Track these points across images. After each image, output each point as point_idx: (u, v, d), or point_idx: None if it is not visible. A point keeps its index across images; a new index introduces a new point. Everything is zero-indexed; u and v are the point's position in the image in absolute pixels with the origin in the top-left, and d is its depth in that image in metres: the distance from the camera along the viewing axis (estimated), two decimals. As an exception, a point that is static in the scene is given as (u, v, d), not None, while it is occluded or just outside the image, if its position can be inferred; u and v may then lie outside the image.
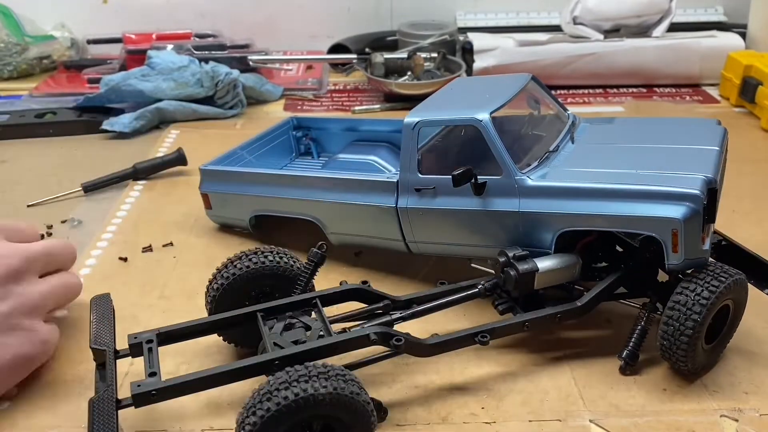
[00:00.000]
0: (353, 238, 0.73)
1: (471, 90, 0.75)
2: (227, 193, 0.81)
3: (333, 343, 0.53)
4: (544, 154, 0.64)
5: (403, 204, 0.67)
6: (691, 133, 0.67)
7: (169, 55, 1.20)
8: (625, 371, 0.59)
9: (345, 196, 0.71)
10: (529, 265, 0.59)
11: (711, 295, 0.55)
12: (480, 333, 0.56)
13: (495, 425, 0.55)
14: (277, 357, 0.51)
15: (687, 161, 0.60)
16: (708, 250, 0.58)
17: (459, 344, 0.57)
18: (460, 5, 1.50)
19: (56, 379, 0.60)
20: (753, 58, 1.19)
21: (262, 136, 0.91)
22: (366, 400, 0.49)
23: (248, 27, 1.46)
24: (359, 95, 1.31)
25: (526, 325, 0.58)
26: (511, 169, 0.61)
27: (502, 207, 0.62)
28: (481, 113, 0.63)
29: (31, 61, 1.38)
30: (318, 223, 0.74)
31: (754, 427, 0.54)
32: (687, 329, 0.55)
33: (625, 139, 0.69)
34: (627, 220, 0.57)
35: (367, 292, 0.61)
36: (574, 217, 0.59)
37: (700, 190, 0.56)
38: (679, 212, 0.55)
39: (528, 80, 0.71)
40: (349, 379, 0.48)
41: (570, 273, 0.61)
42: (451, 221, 0.65)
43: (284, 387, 0.46)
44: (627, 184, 0.58)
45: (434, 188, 0.65)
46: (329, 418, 0.48)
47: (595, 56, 1.27)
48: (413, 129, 0.66)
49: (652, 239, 0.58)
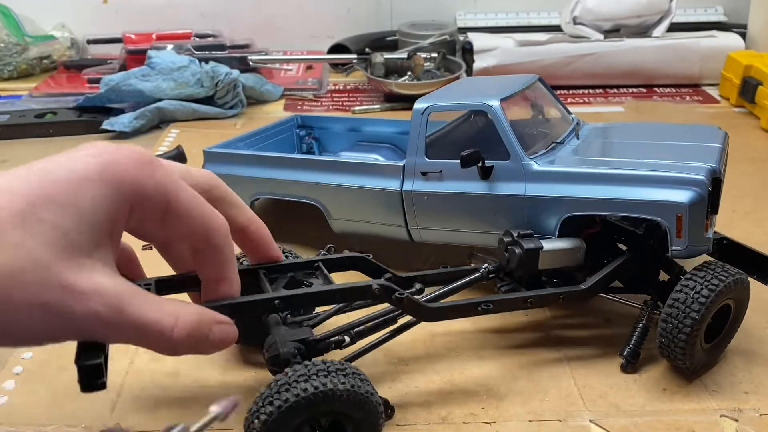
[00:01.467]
0: (356, 225, 0.73)
1: (480, 84, 0.77)
2: (230, 175, 0.79)
3: (335, 289, 0.53)
4: (551, 144, 0.66)
5: (408, 187, 0.67)
6: (694, 134, 0.68)
7: (169, 55, 1.20)
8: (626, 369, 0.59)
9: (350, 179, 0.71)
10: (533, 243, 0.59)
11: (710, 293, 0.55)
12: (483, 302, 0.56)
13: (495, 425, 0.55)
14: (278, 296, 0.51)
15: (691, 154, 0.61)
16: (710, 239, 0.58)
17: (461, 312, 0.57)
18: (460, 5, 1.50)
19: (56, 379, 0.60)
20: (753, 58, 1.19)
21: (263, 130, 0.91)
22: (378, 401, 0.49)
23: (248, 27, 1.46)
24: (359, 95, 1.31)
25: (530, 301, 0.58)
26: (519, 153, 0.62)
27: (508, 191, 0.63)
28: (491, 99, 0.64)
29: (31, 61, 1.38)
30: (321, 207, 0.74)
31: (754, 427, 0.54)
32: (685, 327, 0.55)
33: (628, 137, 0.70)
34: (632, 204, 0.58)
35: (369, 263, 0.60)
36: (579, 202, 0.60)
37: (705, 176, 0.57)
38: (684, 197, 0.56)
39: (535, 80, 0.73)
40: (364, 378, 0.49)
41: (574, 256, 0.61)
42: (456, 206, 0.65)
43: (303, 380, 0.46)
44: (632, 169, 0.59)
45: (440, 172, 0.66)
46: (341, 415, 0.48)
47: (595, 56, 1.27)
48: (423, 114, 0.67)
49: (655, 227, 0.58)
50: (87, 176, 0.40)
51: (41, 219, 0.39)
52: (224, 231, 0.46)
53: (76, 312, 0.39)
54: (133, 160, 0.42)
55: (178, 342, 0.42)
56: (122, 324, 0.40)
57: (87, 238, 0.40)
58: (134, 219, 0.43)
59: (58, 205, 0.39)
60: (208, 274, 0.48)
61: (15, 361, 0.62)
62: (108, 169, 0.41)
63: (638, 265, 0.63)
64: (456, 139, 0.72)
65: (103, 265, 0.41)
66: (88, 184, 0.40)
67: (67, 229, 0.39)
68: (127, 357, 0.62)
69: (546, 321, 0.67)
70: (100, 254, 0.41)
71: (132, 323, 0.40)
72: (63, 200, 0.39)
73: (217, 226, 0.46)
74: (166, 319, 0.42)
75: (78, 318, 0.39)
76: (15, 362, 0.62)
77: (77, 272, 0.39)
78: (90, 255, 0.40)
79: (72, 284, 0.39)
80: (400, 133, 0.87)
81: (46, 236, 0.38)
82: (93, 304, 0.39)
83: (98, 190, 0.40)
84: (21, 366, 0.61)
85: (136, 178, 0.42)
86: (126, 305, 0.40)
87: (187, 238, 0.46)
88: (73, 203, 0.40)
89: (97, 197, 0.40)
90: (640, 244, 0.63)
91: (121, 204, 0.41)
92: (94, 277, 0.40)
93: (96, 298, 0.39)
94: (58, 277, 0.38)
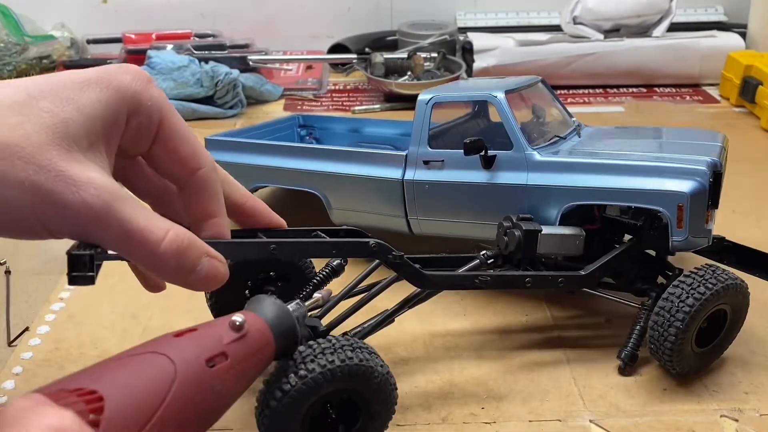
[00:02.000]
0: (356, 215, 0.73)
1: (483, 81, 0.78)
2: (230, 163, 0.79)
3: (331, 242, 0.53)
4: (553, 137, 0.66)
5: (410, 176, 0.67)
6: (694, 134, 0.69)
7: (169, 55, 1.20)
8: (624, 372, 0.59)
9: (352, 167, 0.71)
10: (533, 226, 0.59)
11: (695, 302, 0.54)
12: (481, 275, 0.56)
13: (495, 425, 0.55)
14: (272, 240, 0.50)
15: (692, 150, 0.62)
16: (711, 231, 0.59)
17: (457, 282, 0.57)
18: (460, 5, 1.50)
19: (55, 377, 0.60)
20: (753, 58, 1.19)
21: (265, 125, 0.91)
22: (394, 384, 0.49)
23: (248, 27, 1.46)
24: (359, 95, 1.31)
25: (528, 280, 0.57)
26: (522, 143, 0.63)
27: (510, 181, 0.63)
28: (496, 91, 0.65)
29: (30, 61, 1.38)
30: (321, 197, 0.74)
31: (754, 427, 0.54)
32: (670, 336, 0.55)
33: (629, 136, 0.71)
34: (633, 193, 0.58)
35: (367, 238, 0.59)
36: (580, 191, 0.60)
37: (707, 168, 0.57)
38: (686, 186, 0.57)
39: (538, 80, 0.73)
40: (383, 363, 0.49)
41: (573, 243, 0.61)
42: (457, 195, 0.66)
43: (330, 352, 0.46)
44: (634, 160, 0.60)
45: (443, 161, 0.66)
46: (353, 392, 0.47)
47: (595, 56, 1.27)
48: (427, 104, 0.68)
49: (655, 220, 0.58)
50: (88, 79, 0.43)
51: (41, 107, 0.40)
52: (211, 161, 0.47)
53: (68, 200, 0.39)
54: (132, 72, 0.44)
55: (164, 257, 0.42)
56: (110, 222, 0.40)
57: (84, 134, 0.41)
58: (130, 130, 0.44)
59: (59, 98, 0.41)
60: (196, 210, 0.47)
61: (15, 361, 0.62)
62: (108, 76, 0.43)
63: (637, 261, 0.62)
64: (459, 131, 0.73)
65: (97, 166, 0.42)
66: (88, 85, 0.42)
67: (65, 119, 0.40)
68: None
69: (546, 321, 0.67)
70: (95, 155, 0.42)
71: (120, 223, 0.40)
72: (64, 95, 0.41)
73: (204, 154, 0.47)
74: (155, 230, 0.42)
75: (68, 206, 0.39)
76: (15, 362, 0.62)
77: (71, 162, 0.40)
78: (85, 151, 0.41)
79: (65, 171, 0.39)
80: (402, 134, 0.87)
81: (44, 122, 0.40)
82: (84, 194, 0.40)
83: (98, 91, 0.42)
84: (21, 366, 0.61)
85: (135, 88, 0.44)
86: (117, 204, 0.41)
87: (176, 164, 0.46)
88: (73, 98, 0.41)
89: (96, 97, 0.42)
90: (641, 233, 0.63)
91: (119, 107, 0.43)
92: (87, 171, 0.40)
93: (88, 189, 0.40)
94: (52, 161, 0.39)
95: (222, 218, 0.48)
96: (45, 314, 0.68)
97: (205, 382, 0.33)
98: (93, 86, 0.42)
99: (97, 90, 0.42)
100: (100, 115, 0.42)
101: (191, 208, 0.47)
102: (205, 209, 0.47)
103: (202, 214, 0.47)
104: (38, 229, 0.41)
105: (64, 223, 0.40)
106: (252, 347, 0.36)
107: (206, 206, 0.47)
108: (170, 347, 0.34)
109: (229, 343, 0.35)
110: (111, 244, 0.42)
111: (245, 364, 0.36)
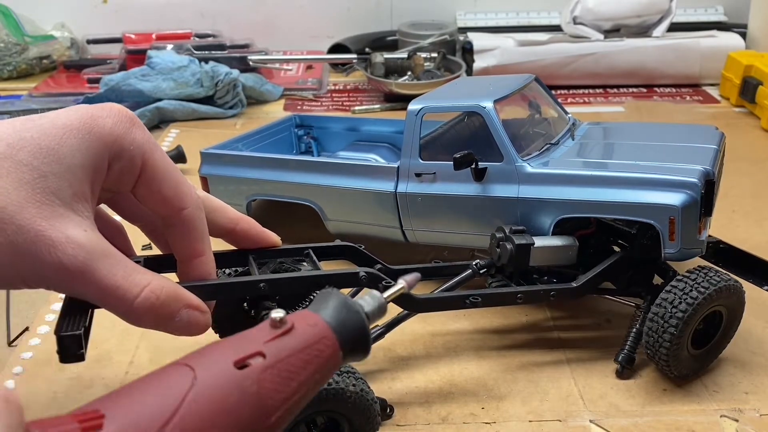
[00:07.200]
0: (351, 226, 0.73)
1: (474, 84, 0.77)
2: (226, 176, 0.79)
3: (322, 274, 0.52)
4: (545, 145, 0.66)
5: (402, 189, 0.67)
6: (690, 134, 0.68)
7: (169, 55, 1.20)
8: (621, 374, 0.59)
9: (345, 180, 0.71)
10: (525, 239, 0.59)
11: (688, 307, 0.54)
12: (472, 296, 0.56)
13: (495, 425, 0.55)
14: (263, 279, 0.50)
15: (685, 156, 0.61)
16: (704, 241, 0.58)
17: (449, 304, 0.57)
18: (460, 5, 1.50)
19: (56, 379, 0.60)
20: (753, 58, 1.19)
21: (262, 130, 0.91)
22: (373, 399, 0.49)
23: (248, 27, 1.46)
24: (359, 95, 1.31)
25: (519, 297, 0.57)
26: (512, 155, 0.62)
27: (502, 193, 0.63)
28: (485, 101, 0.64)
29: (31, 61, 1.38)
30: (317, 209, 0.74)
31: (754, 427, 0.54)
32: (665, 342, 0.55)
33: (623, 137, 0.70)
34: (624, 207, 0.58)
35: (360, 253, 0.59)
36: (572, 204, 0.60)
37: (698, 179, 0.56)
38: (677, 199, 0.56)
39: (531, 80, 0.72)
40: (359, 377, 0.49)
41: (566, 254, 0.61)
42: (450, 207, 0.66)
43: None
44: (625, 172, 0.59)
45: (434, 174, 0.66)
46: (338, 414, 0.48)
47: (595, 56, 1.27)
48: (417, 115, 0.67)
49: (648, 229, 0.58)
50: (69, 125, 0.42)
51: (19, 161, 0.39)
52: (195, 200, 0.47)
53: (45, 260, 0.39)
54: (113, 115, 0.43)
55: (139, 313, 0.42)
56: (86, 281, 0.40)
57: (65, 186, 0.41)
58: (112, 174, 0.44)
59: (38, 149, 0.40)
60: (181, 250, 0.47)
61: (15, 361, 0.62)
62: (89, 121, 0.42)
63: (631, 265, 0.62)
64: (450, 140, 0.72)
65: (79, 218, 0.41)
66: (69, 132, 0.41)
67: (45, 173, 0.40)
68: (128, 356, 0.62)
69: (546, 321, 0.67)
70: (77, 205, 0.41)
71: (96, 282, 0.41)
72: (43, 145, 0.40)
73: (189, 191, 0.46)
74: (130, 287, 0.42)
75: (45, 266, 0.39)
76: (15, 362, 0.62)
77: (50, 220, 0.40)
78: (67, 204, 0.41)
79: (43, 232, 0.39)
80: (398, 132, 0.87)
81: (23, 178, 0.39)
82: (61, 255, 0.39)
83: (79, 138, 0.41)
84: (21, 366, 0.61)
85: (116, 131, 0.43)
86: (93, 263, 0.40)
87: (160, 204, 0.46)
88: (53, 148, 0.40)
89: (77, 145, 0.41)
90: (634, 243, 0.63)
91: (101, 153, 0.42)
92: (67, 228, 0.40)
93: (65, 250, 0.39)
94: (31, 221, 0.39)
95: (207, 257, 0.48)
96: (45, 314, 0.68)
97: (232, 384, 0.32)
98: (74, 133, 0.41)
99: (79, 137, 0.41)
100: (80, 164, 0.41)
101: (177, 246, 0.47)
102: (191, 248, 0.47)
103: (189, 253, 0.47)
104: (17, 283, 0.41)
105: (42, 280, 0.41)
106: (301, 343, 0.35)
107: (192, 245, 0.47)
108: (195, 356, 0.33)
109: (268, 342, 0.34)
110: (88, 298, 0.42)
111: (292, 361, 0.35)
